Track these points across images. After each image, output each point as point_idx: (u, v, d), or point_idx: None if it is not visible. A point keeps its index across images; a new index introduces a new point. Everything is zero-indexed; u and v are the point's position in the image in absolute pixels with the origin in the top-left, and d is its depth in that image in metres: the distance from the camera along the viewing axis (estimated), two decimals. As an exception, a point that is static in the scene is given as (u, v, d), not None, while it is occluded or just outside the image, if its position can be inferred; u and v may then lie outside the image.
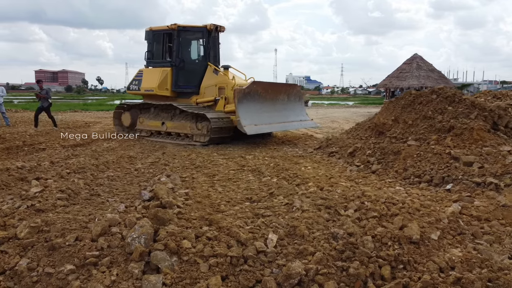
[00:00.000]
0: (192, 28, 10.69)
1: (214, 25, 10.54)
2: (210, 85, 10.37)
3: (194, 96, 10.53)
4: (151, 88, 10.54)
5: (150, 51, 10.94)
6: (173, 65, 10.42)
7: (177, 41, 10.39)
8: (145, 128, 10.67)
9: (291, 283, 2.55)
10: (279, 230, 3.17)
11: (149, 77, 10.74)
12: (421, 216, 3.41)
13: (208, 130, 9.32)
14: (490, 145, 5.07)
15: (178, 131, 10.05)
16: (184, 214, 3.48)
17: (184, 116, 9.97)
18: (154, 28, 10.86)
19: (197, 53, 11.14)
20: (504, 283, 2.55)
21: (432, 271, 2.68)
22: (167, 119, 10.23)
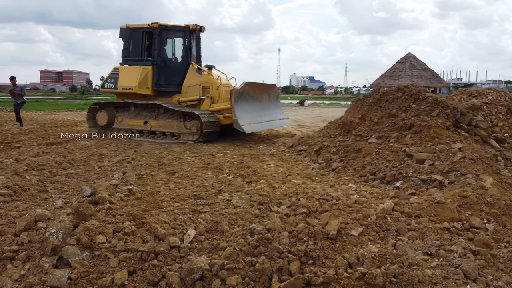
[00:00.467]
0: (173, 27, 10.71)
1: (196, 25, 10.61)
2: (193, 84, 10.42)
3: (176, 95, 10.53)
4: (130, 86, 10.46)
5: (127, 48, 10.80)
6: (154, 64, 10.41)
7: (158, 40, 10.40)
8: (124, 127, 10.55)
9: (192, 277, 2.55)
10: (201, 225, 3.16)
11: (127, 75, 10.64)
12: (350, 213, 3.39)
13: (197, 129, 9.42)
14: (445, 143, 5.03)
15: (163, 130, 10.06)
16: (113, 210, 3.48)
17: (170, 114, 10.01)
18: (131, 25, 10.78)
19: (178, 52, 11.14)
20: (408, 278, 2.53)
21: (340, 267, 2.66)
22: (151, 118, 10.22)
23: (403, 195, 3.93)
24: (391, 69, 23.45)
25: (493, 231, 3.36)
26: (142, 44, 10.68)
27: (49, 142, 9.07)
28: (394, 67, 23.39)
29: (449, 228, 3.33)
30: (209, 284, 2.54)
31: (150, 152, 7.69)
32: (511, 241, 3.29)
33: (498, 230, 3.40)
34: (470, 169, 4.21)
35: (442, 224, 3.38)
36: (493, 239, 3.26)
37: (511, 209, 3.66)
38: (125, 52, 10.86)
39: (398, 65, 23.19)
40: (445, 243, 3.10)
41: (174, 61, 11.10)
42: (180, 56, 11.07)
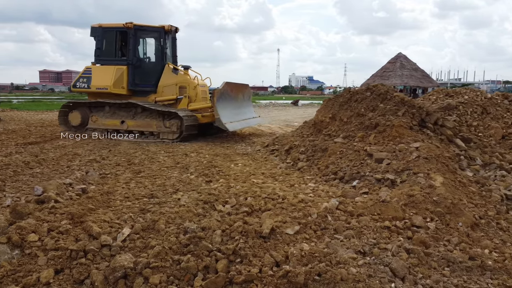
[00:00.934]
0: (148, 27, 10.75)
1: (171, 26, 10.71)
2: (170, 84, 10.49)
3: (152, 95, 10.58)
4: (104, 86, 10.46)
5: (99, 48, 10.75)
6: (130, 64, 10.46)
7: (133, 40, 10.45)
8: (99, 127, 10.49)
9: (115, 276, 2.56)
10: (138, 224, 3.17)
11: (101, 74, 10.62)
12: (291, 212, 3.40)
13: (178, 127, 9.55)
14: (406, 142, 5.03)
15: (141, 129, 10.09)
16: (57, 209, 3.50)
17: (149, 114, 10.06)
18: (104, 25, 10.75)
19: (154, 52, 11.17)
20: (331, 276, 2.54)
21: (266, 265, 2.67)
22: (128, 117, 10.23)
23: (350, 194, 3.94)
24: (382, 69, 23.43)
25: (434, 229, 3.36)
26: (116, 43, 10.69)
27: (28, 141, 9.07)
28: (385, 67, 23.37)
29: (390, 227, 3.34)
30: (132, 282, 2.55)
31: (125, 152, 7.70)
32: (452, 239, 3.30)
33: (440, 228, 3.41)
34: (423, 168, 4.21)
35: (383, 222, 3.39)
36: (432, 237, 3.27)
37: (457, 208, 3.67)
38: (98, 52, 10.78)
39: (389, 65, 23.17)
40: (382, 242, 3.11)
41: (149, 61, 11.15)
42: (156, 56, 11.11)
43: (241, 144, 9.31)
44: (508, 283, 2.85)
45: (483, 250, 3.22)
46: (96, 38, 10.74)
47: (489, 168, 5.48)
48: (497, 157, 5.80)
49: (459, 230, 3.45)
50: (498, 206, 4.20)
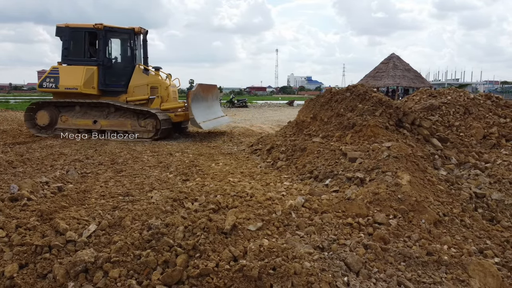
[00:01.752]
0: (118, 29, 10.94)
1: (141, 28, 10.98)
2: (141, 84, 10.74)
3: (123, 95, 10.76)
4: (74, 86, 10.51)
5: (67, 48, 10.79)
6: (100, 64, 10.62)
7: (103, 41, 10.64)
8: (69, 127, 10.57)
9: (76, 270, 2.64)
10: (105, 221, 3.26)
11: (70, 74, 10.66)
12: (257, 209, 3.49)
13: (153, 126, 9.90)
14: (379, 141, 5.13)
15: (115, 129, 10.33)
16: (28, 206, 3.58)
17: (123, 113, 10.34)
18: (71, 25, 10.83)
19: (124, 53, 11.34)
20: (285, 270, 2.63)
21: (223, 260, 2.76)
22: (101, 117, 10.41)
23: (318, 191, 4.03)
24: (375, 69, 23.55)
25: (396, 226, 3.46)
26: (84, 44, 10.79)
27: (17, 141, 9.15)
28: (378, 67, 23.48)
29: (352, 224, 3.44)
30: (92, 276, 2.64)
31: (110, 152, 7.78)
32: (412, 235, 3.40)
33: (402, 225, 3.50)
34: (391, 167, 4.31)
35: (346, 219, 3.49)
36: (393, 234, 3.36)
37: (421, 205, 3.76)
38: (65, 52, 10.81)
39: (382, 66, 23.29)
40: (342, 238, 3.21)
41: (119, 62, 11.34)
42: (126, 57, 11.28)
43: (228, 144, 9.41)
44: (461, 277, 2.95)
45: (442, 246, 3.32)
46: (62, 38, 10.78)
47: (463, 167, 5.58)
48: (473, 157, 5.91)
49: (421, 227, 3.55)
50: (465, 204, 4.29)
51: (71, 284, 2.57)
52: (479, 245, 3.51)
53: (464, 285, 2.86)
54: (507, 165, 5.62)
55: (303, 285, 2.54)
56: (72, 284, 2.56)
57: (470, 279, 2.92)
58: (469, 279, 2.92)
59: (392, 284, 2.72)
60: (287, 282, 2.56)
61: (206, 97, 11.26)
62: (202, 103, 10.63)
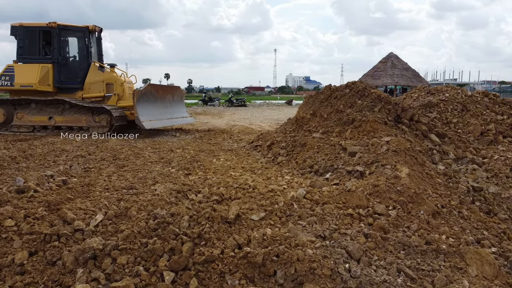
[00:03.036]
0: (72, 27, 11.15)
1: (95, 26, 11.21)
2: (96, 81, 10.99)
3: (79, 92, 10.99)
4: (29, 83, 10.68)
5: (22, 46, 10.96)
6: (55, 62, 10.79)
7: (57, 39, 10.83)
8: (25, 124, 10.75)
9: (84, 257, 2.71)
10: (111, 211, 3.33)
11: (25, 72, 10.82)
12: (259, 200, 3.57)
13: (107, 122, 10.29)
14: (378, 136, 5.21)
15: (70, 125, 10.59)
16: (35, 198, 3.65)
17: (77, 110, 10.56)
18: (25, 24, 10.99)
19: (79, 51, 11.51)
20: (288, 257, 2.71)
21: (228, 247, 2.84)
22: (56, 113, 10.60)
23: (318, 184, 4.11)
24: (373, 68, 23.67)
25: (395, 217, 3.54)
26: (39, 42, 10.98)
27: (18, 138, 9.21)
28: (376, 66, 23.61)
29: (352, 214, 3.52)
30: (101, 262, 2.71)
31: (112, 148, 7.85)
32: (412, 226, 3.48)
33: (401, 216, 3.59)
34: (391, 161, 4.39)
35: (347, 210, 3.57)
36: (392, 224, 3.45)
37: (419, 197, 3.84)
38: (20, 50, 10.99)
39: (380, 65, 23.41)
40: (342, 227, 3.29)
41: (74, 59, 11.52)
42: (81, 55, 11.46)
43: (228, 141, 9.49)
44: (459, 265, 3.04)
45: (441, 236, 3.41)
46: (17, 37, 10.97)
47: (461, 162, 5.67)
48: (471, 152, 6.00)
49: (419, 217, 3.63)
50: (463, 197, 4.39)
51: (80, 270, 2.64)
52: (476, 236, 3.60)
53: (462, 273, 2.95)
54: (504, 160, 5.71)
55: (306, 271, 2.62)
56: (81, 270, 2.63)
57: (467, 267, 3.01)
58: (467, 267, 3.01)
59: (392, 271, 2.80)
60: (290, 268, 2.64)
61: (163, 97, 11.55)
62: (154, 103, 10.92)
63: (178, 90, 12.79)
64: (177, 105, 12.46)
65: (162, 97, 11.47)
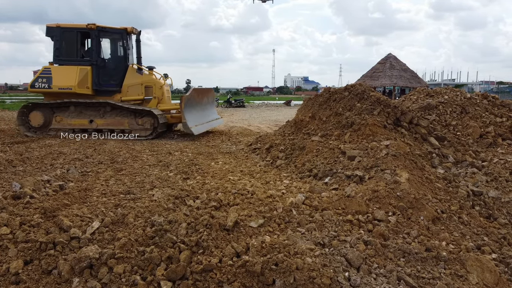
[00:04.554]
0: (111, 29, 10.99)
1: (134, 28, 11.08)
2: (135, 83, 10.86)
3: (117, 94, 10.85)
4: (68, 86, 10.49)
5: (58, 48, 10.74)
6: (94, 64, 10.66)
7: (96, 41, 10.69)
8: (64, 127, 10.56)
9: (81, 266, 2.68)
10: (108, 218, 3.29)
11: (63, 75, 10.61)
12: (258, 206, 3.53)
13: (151, 125, 10.16)
14: (378, 140, 5.18)
15: (112, 128, 10.45)
16: (31, 204, 3.61)
17: (119, 112, 10.47)
18: (63, 25, 10.79)
19: (117, 53, 11.39)
20: (287, 266, 2.67)
21: (226, 255, 2.80)
22: (97, 116, 10.49)
23: (318, 189, 4.07)
24: (372, 69, 23.65)
25: (395, 223, 3.51)
26: (77, 44, 10.80)
27: (15, 141, 9.15)
28: (375, 67, 23.58)
29: (352, 221, 3.49)
30: (97, 272, 2.67)
31: (109, 151, 7.80)
32: (411, 232, 3.45)
33: (401, 222, 3.56)
34: (390, 165, 4.36)
35: (346, 216, 3.54)
36: (392, 230, 3.42)
37: (419, 202, 3.82)
38: (57, 52, 10.76)
39: (379, 66, 23.38)
40: (342, 234, 3.25)
41: (113, 61, 11.36)
42: (119, 57, 11.33)
43: (226, 143, 9.45)
44: (460, 272, 3.01)
45: (441, 242, 3.38)
46: (54, 38, 10.74)
47: (461, 166, 5.65)
48: (470, 155, 5.98)
49: (419, 223, 3.60)
50: (463, 201, 4.36)
51: (76, 279, 2.60)
52: (476, 242, 3.57)
53: (462, 280, 2.91)
54: (504, 164, 5.69)
55: (305, 280, 2.58)
56: (77, 279, 2.60)
57: (468, 274, 2.98)
58: (467, 274, 2.98)
59: (392, 279, 2.77)
60: (289, 277, 2.60)
61: (201, 101, 11.53)
62: (195, 107, 10.89)
63: (211, 92, 12.78)
64: (211, 108, 12.54)
65: (200, 100, 11.46)
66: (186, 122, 9.78)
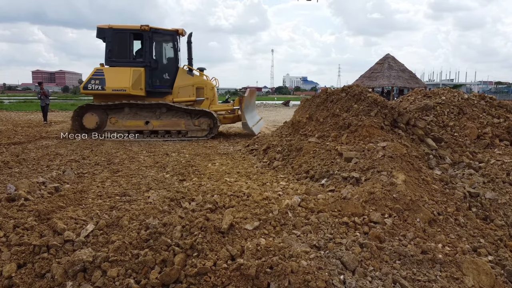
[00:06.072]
0: (163, 30, 10.97)
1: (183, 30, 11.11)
2: (186, 85, 10.89)
3: (169, 96, 10.84)
4: (122, 87, 10.40)
5: (111, 50, 10.63)
6: (147, 66, 10.61)
7: (149, 42, 10.64)
8: (119, 129, 10.48)
9: (74, 269, 2.66)
10: (102, 221, 3.27)
11: (116, 76, 10.50)
12: (254, 208, 3.51)
13: (208, 125, 10.39)
14: (375, 141, 5.17)
15: (168, 129, 10.52)
16: (26, 207, 3.59)
17: (175, 113, 10.52)
18: (115, 26, 10.67)
19: (169, 54, 11.37)
20: (282, 269, 2.66)
21: (221, 258, 2.79)
22: (153, 118, 10.47)
23: (314, 191, 4.06)
24: (370, 70, 23.63)
25: (391, 225, 3.50)
26: (129, 45, 10.71)
27: (12, 142, 9.11)
28: (373, 68, 23.56)
29: (348, 223, 3.47)
30: (91, 275, 2.65)
31: (106, 152, 7.78)
32: (408, 234, 3.44)
33: (397, 224, 3.55)
34: (387, 167, 4.35)
35: (342, 218, 3.52)
36: (388, 232, 3.40)
37: (416, 204, 3.81)
38: (109, 53, 10.64)
39: (377, 66, 23.36)
40: (338, 237, 3.24)
41: (165, 63, 11.33)
42: (170, 58, 11.30)
43: (224, 144, 9.44)
44: (455, 275, 3.00)
45: (437, 245, 3.36)
46: (106, 40, 10.61)
47: (458, 167, 5.64)
48: (467, 156, 5.97)
49: (416, 225, 3.59)
50: (459, 203, 4.35)
51: (69, 283, 2.58)
52: (473, 244, 3.56)
53: (458, 283, 2.91)
54: (501, 165, 5.68)
55: (300, 284, 2.57)
56: (71, 283, 2.58)
57: (464, 277, 2.97)
58: (463, 277, 2.97)
59: (388, 282, 2.76)
60: (284, 280, 2.59)
61: (251, 101, 11.79)
62: (249, 108, 11.11)
63: (255, 93, 13.04)
64: (254, 108, 12.70)
65: (251, 101, 11.66)
66: (246, 122, 10.14)
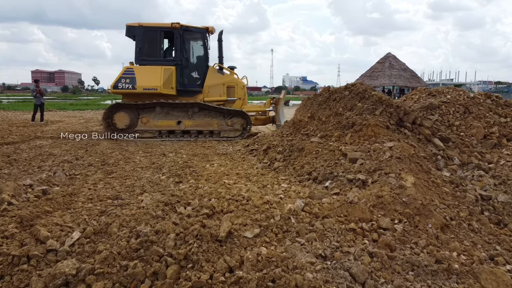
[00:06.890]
0: (194, 28, 10.65)
1: (213, 28, 10.86)
2: (216, 84, 10.62)
3: (199, 95, 10.57)
4: (153, 86, 10.07)
5: (141, 48, 10.29)
6: (178, 64, 10.34)
7: (180, 40, 10.33)
8: (150, 129, 10.17)
9: (55, 283, 2.41)
10: (90, 227, 3.02)
11: (147, 75, 10.17)
12: (254, 213, 3.27)
13: (241, 125, 10.21)
14: (381, 141, 4.92)
15: (201, 129, 10.26)
16: (8, 212, 3.34)
17: (208, 113, 10.28)
18: (145, 24, 10.36)
19: (199, 52, 11.09)
20: (285, 282, 2.41)
21: (218, 271, 2.54)
22: (185, 117, 10.19)
23: (318, 195, 3.81)
24: (371, 69, 23.37)
25: (402, 232, 3.25)
26: (160, 44, 10.41)
27: (5, 142, 8.86)
28: (374, 67, 23.30)
29: (355, 229, 3.23)
30: (74, 290, 2.40)
31: (101, 152, 7.52)
32: (420, 241, 3.19)
33: (408, 230, 3.30)
34: (395, 168, 4.10)
35: (349, 224, 3.28)
36: (399, 240, 3.16)
37: (427, 209, 3.56)
38: (139, 52, 10.30)
39: (378, 65, 23.10)
40: (345, 245, 2.99)
41: (195, 61, 11.04)
42: (201, 57, 11.02)
43: (223, 143, 9.19)
44: (474, 287, 2.75)
45: (451, 253, 3.12)
46: (136, 38, 10.27)
47: (467, 168, 5.39)
48: (476, 157, 5.72)
49: (428, 232, 3.34)
50: (471, 207, 4.10)
51: (50, 299, 2.33)
52: (489, 251, 3.31)
53: (477, 296, 2.66)
54: (511, 166, 5.44)
55: (305, 299, 2.32)
56: (51, 299, 2.33)
57: (483, 290, 2.72)
58: (482, 289, 2.73)
59: (401, 296, 2.51)
60: (287, 295, 2.34)
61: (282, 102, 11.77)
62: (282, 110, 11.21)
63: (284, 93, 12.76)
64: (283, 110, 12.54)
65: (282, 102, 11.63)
66: (281, 125, 9.84)
